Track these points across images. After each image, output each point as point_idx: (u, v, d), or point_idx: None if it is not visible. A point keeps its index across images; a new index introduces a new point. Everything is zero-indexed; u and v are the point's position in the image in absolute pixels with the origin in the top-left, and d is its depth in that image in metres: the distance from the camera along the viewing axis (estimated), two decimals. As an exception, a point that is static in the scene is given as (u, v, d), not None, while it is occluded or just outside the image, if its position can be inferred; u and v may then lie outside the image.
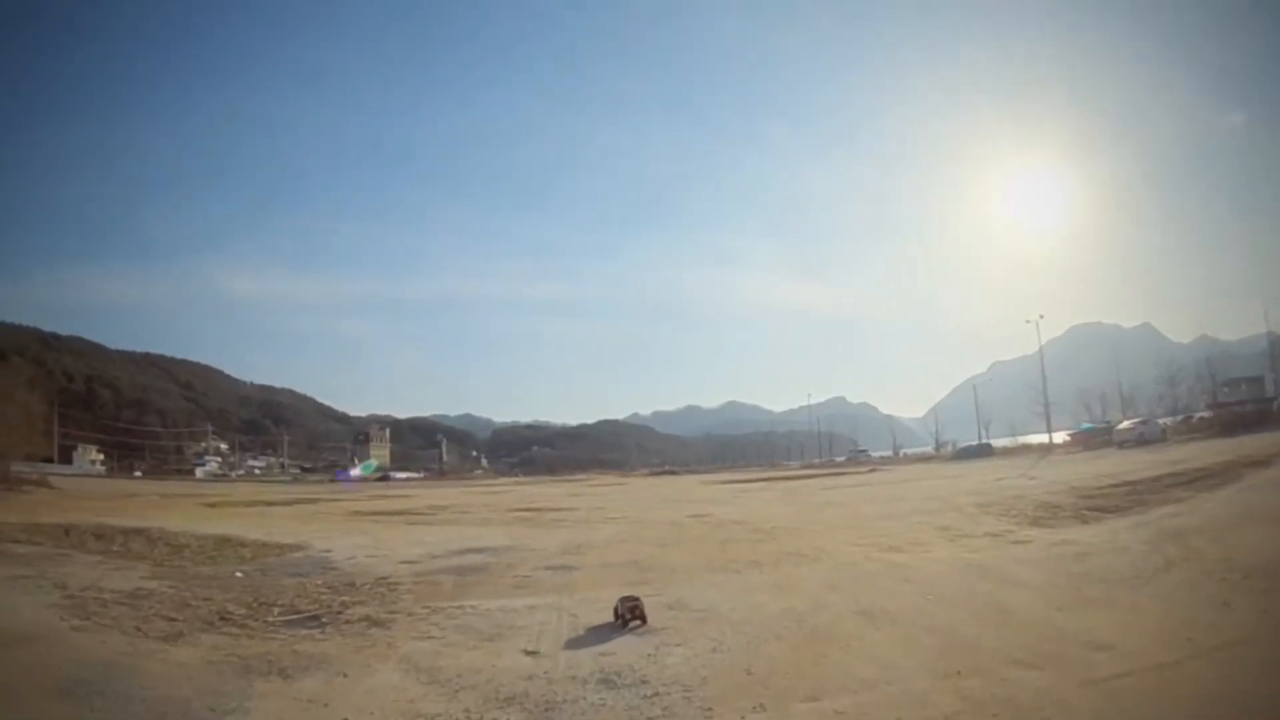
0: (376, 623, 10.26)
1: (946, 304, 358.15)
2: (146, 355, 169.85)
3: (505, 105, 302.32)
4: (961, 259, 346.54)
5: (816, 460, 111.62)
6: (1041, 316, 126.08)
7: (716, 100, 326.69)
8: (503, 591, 12.22)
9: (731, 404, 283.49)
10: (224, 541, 18.30)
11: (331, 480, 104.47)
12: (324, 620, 10.39)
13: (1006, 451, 66.87)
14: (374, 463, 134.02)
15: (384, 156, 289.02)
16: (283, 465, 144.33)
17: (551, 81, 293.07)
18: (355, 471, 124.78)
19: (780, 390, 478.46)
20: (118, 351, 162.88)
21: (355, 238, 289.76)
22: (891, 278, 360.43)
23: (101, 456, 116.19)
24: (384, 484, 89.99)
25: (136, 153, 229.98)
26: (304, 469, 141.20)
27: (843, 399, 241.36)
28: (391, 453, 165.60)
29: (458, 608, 10.98)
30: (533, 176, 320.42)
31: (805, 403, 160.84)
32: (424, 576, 13.64)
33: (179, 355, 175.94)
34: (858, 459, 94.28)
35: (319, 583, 13.15)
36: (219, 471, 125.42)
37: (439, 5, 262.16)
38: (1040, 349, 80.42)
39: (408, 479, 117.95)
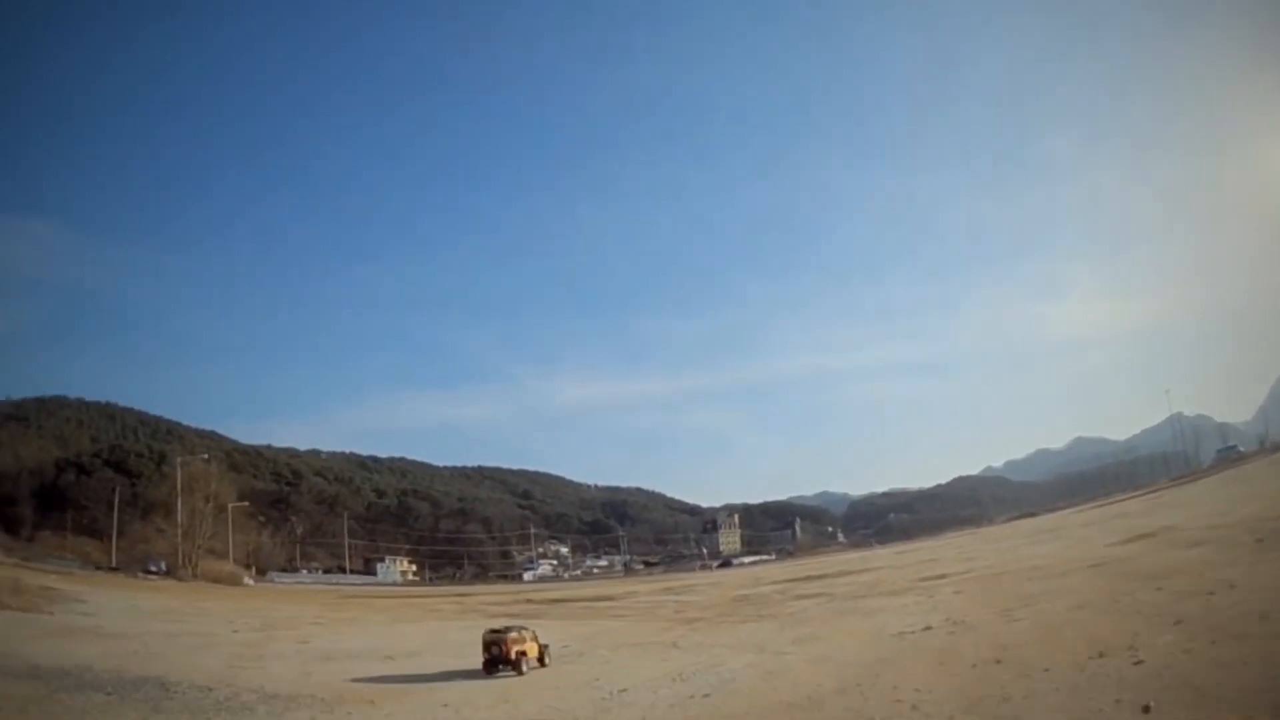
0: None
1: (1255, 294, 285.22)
2: (480, 469, 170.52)
3: (822, 178, 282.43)
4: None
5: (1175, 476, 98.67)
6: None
7: (997, 124, 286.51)
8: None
9: (1078, 440, 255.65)
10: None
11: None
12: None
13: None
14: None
15: (704, 245, 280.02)
16: (625, 563, 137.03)
17: (865, 146, 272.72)
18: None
19: (1122, 417, 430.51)
20: (447, 468, 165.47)
21: (687, 330, 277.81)
22: (1200, 275, 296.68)
23: (413, 566, 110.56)
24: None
25: (444, 280, 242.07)
26: (647, 563, 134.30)
27: (1180, 415, 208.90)
28: (742, 537, 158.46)
29: None
30: (857, 241, 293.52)
31: (1145, 426, 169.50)
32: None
33: (515, 466, 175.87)
34: (1228, 458, 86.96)
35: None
36: (550, 574, 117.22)
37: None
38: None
39: (754, 562, 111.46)
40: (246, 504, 74.38)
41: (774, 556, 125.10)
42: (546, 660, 13.10)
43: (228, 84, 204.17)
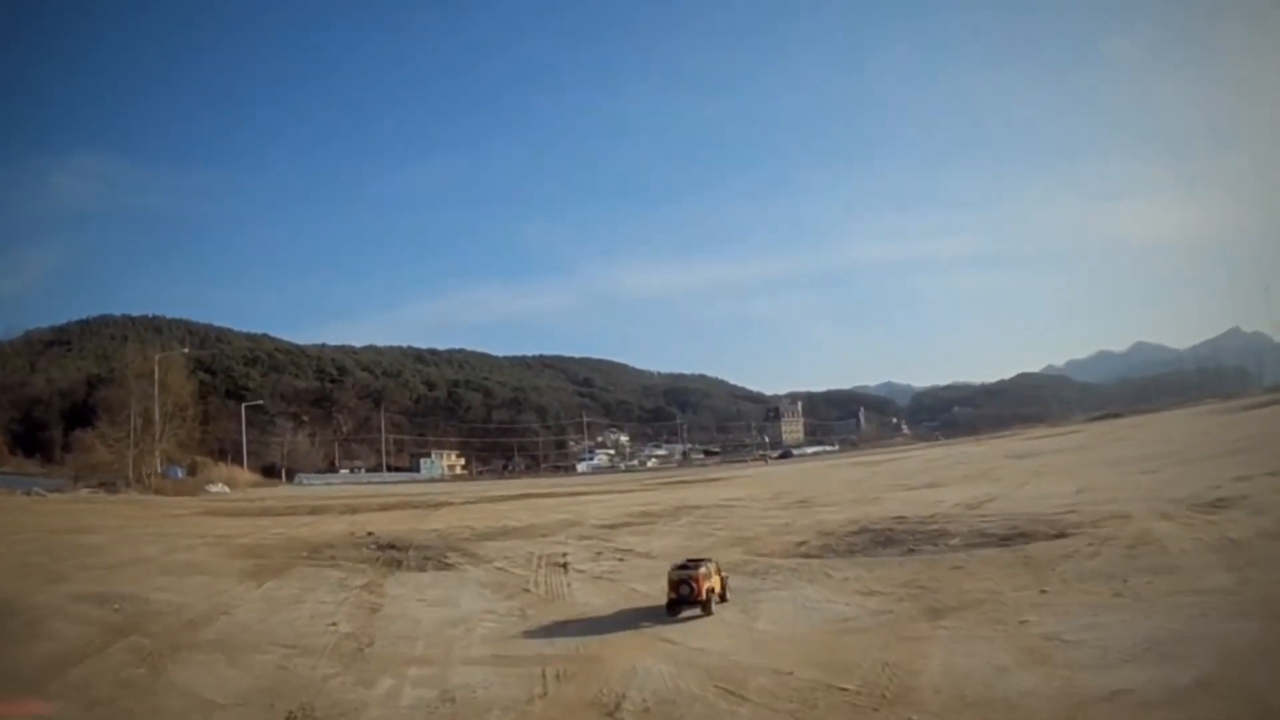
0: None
1: None
2: (540, 358, 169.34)
3: (890, 75, 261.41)
4: None
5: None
6: None
7: (1063, 24, 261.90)
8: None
9: (1139, 345, 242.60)
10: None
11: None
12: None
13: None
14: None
15: (772, 135, 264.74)
16: (684, 452, 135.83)
17: (932, 43, 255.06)
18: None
19: (1184, 326, 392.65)
20: (507, 358, 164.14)
21: (754, 219, 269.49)
22: (1267, 188, 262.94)
23: (461, 460, 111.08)
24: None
25: (509, 174, 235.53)
26: (708, 452, 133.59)
27: (1238, 330, 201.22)
28: (805, 426, 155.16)
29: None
30: (923, 134, 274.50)
31: (1205, 337, 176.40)
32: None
33: (577, 355, 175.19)
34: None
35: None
36: (606, 465, 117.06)
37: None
38: None
39: (816, 453, 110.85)
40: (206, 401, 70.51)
41: (836, 447, 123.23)
42: (728, 594, 11.12)
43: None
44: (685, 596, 10.18)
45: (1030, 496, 19.21)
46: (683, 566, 10.49)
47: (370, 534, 20.03)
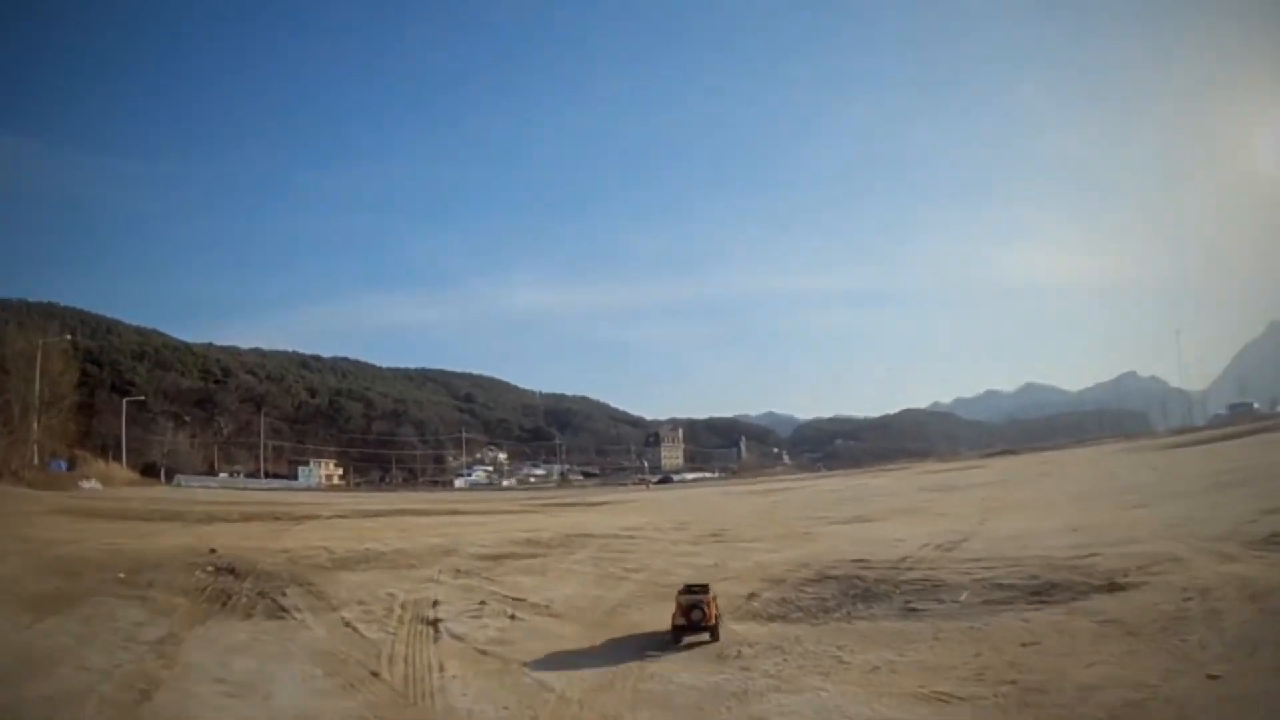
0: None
1: (1217, 264, 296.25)
2: (423, 370, 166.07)
3: (789, 99, 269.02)
4: (1227, 214, 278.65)
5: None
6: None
7: (972, 73, 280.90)
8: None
9: (1029, 386, 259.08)
10: None
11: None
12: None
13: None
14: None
15: (664, 159, 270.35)
16: (563, 473, 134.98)
17: (835, 69, 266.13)
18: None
19: (1075, 369, 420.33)
20: (390, 369, 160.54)
21: (643, 244, 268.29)
22: (1163, 240, 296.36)
23: (339, 470, 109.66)
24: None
25: (411, 183, 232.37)
26: (586, 474, 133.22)
27: (1133, 374, 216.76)
28: (685, 452, 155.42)
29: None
30: (820, 170, 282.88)
31: (1098, 380, 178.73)
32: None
33: (460, 369, 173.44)
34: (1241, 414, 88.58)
35: None
36: (483, 482, 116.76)
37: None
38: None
39: (696, 479, 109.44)
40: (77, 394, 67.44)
41: (717, 474, 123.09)
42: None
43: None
44: (696, 622, 9.83)
45: (1008, 537, 16.52)
46: (691, 590, 10.14)
47: (213, 551, 16.78)
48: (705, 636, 9.64)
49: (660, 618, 10.10)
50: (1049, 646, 8.30)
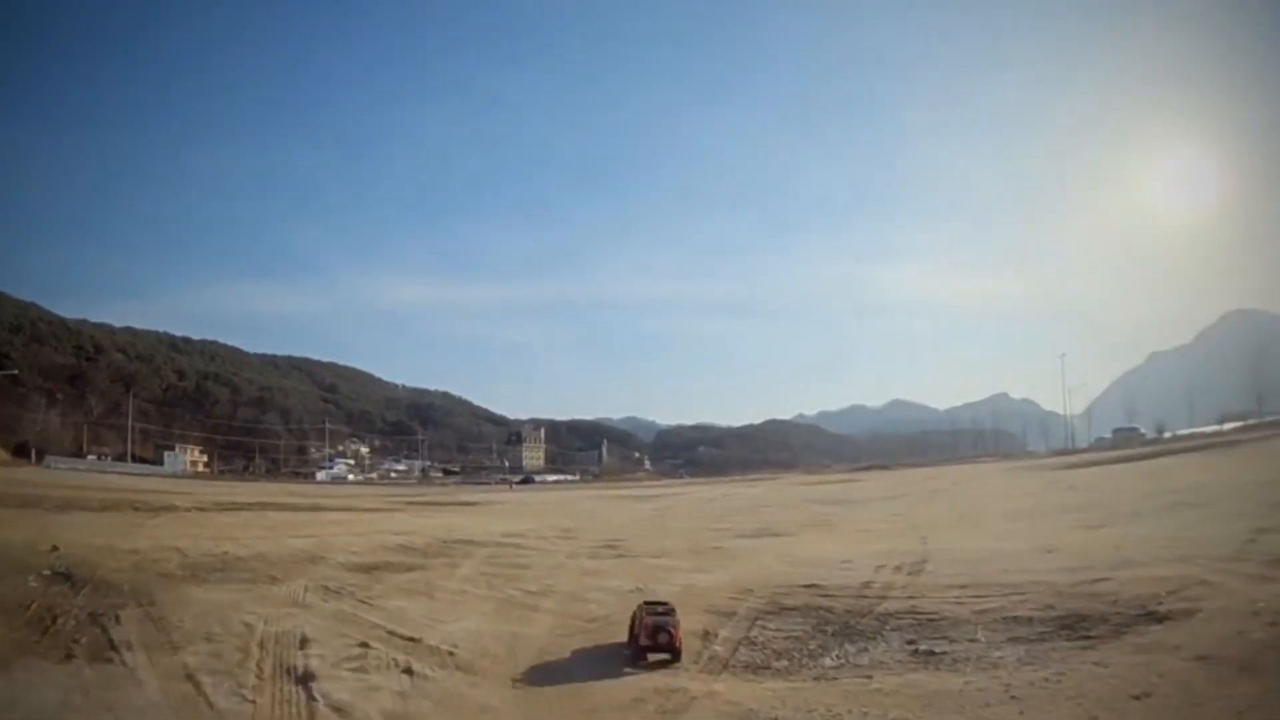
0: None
1: (1101, 292, 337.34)
2: (289, 358, 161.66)
3: (664, 103, 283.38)
4: (1113, 244, 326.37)
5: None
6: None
7: (856, 92, 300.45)
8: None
9: (896, 403, 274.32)
10: None
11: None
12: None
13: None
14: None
15: (534, 160, 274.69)
16: (424, 469, 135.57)
17: (711, 79, 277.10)
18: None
19: (944, 388, 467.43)
20: (257, 355, 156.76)
21: (512, 244, 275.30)
22: (1045, 267, 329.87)
23: (204, 457, 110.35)
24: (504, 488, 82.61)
25: (285, 171, 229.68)
26: (447, 471, 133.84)
27: (1005, 395, 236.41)
28: (547, 453, 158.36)
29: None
30: (690, 180, 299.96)
31: (968, 400, 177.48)
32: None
33: (326, 359, 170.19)
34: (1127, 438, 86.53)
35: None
36: (345, 475, 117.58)
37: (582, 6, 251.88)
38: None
39: (558, 481, 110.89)
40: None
41: (578, 476, 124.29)
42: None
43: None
44: (662, 645, 9.21)
45: (979, 560, 14.97)
46: (655, 611, 9.52)
47: (54, 549, 13.84)
48: (666, 655, 9.19)
49: (601, 670, 8.64)
50: (1165, 696, 6.94)
